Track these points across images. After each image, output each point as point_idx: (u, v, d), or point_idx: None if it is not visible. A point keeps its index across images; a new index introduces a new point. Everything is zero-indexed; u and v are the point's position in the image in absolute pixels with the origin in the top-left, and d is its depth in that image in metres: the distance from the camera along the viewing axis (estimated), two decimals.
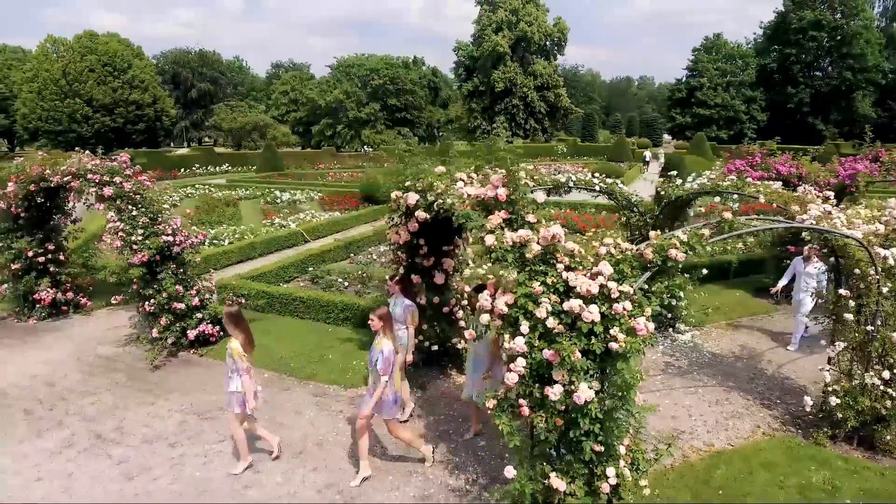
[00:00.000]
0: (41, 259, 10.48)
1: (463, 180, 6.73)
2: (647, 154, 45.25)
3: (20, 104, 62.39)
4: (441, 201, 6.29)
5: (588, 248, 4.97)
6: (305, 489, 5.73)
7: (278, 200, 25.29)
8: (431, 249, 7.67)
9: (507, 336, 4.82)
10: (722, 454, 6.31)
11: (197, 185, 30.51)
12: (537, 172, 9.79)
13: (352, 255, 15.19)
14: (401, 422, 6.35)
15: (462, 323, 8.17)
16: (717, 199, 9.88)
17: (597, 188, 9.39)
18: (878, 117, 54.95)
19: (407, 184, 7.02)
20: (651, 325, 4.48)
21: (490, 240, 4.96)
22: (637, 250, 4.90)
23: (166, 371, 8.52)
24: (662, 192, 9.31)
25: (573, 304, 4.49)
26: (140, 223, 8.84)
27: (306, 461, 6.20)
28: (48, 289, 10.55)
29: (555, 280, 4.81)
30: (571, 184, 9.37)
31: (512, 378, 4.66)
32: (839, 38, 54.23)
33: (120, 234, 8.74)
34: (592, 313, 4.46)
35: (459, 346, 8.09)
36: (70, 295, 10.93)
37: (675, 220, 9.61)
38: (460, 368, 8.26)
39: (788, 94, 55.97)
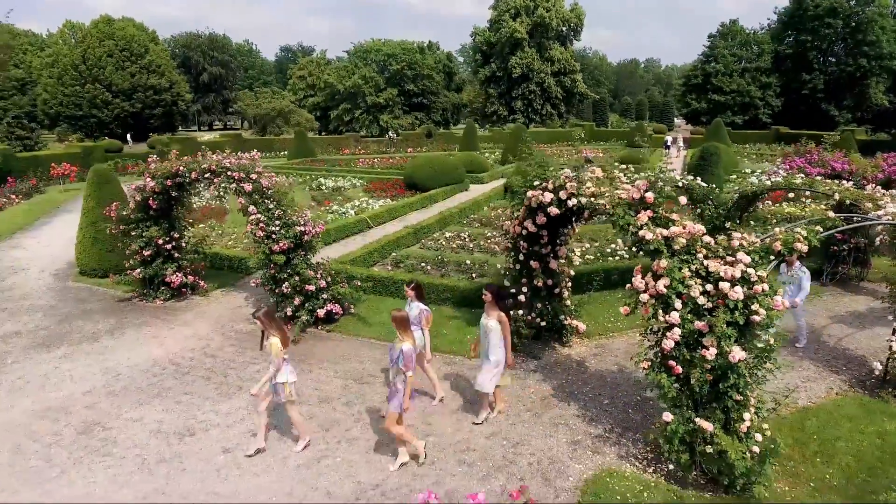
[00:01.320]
0: (168, 246, 11.70)
1: (591, 180, 7.87)
2: (668, 139, 46.28)
3: (41, 89, 63.01)
4: (576, 200, 7.47)
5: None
6: (475, 437, 7.00)
7: (323, 187, 26.36)
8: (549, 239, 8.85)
9: (660, 311, 6.05)
10: (808, 409, 7.57)
11: None
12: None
13: (421, 240, 16.36)
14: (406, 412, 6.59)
15: (568, 302, 9.42)
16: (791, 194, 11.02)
17: (680, 183, 10.50)
18: (892, 104, 55.75)
19: (536, 183, 8.18)
20: (786, 301, 5.70)
21: (649, 235, 6.16)
22: (763, 242, 6.11)
23: (306, 345, 9.76)
24: (738, 187, 10.44)
25: (724, 285, 5.70)
26: (276, 215, 10.04)
27: (468, 414, 7.47)
28: (176, 272, 11.78)
29: (697, 267, 6.03)
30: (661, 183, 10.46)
31: (668, 344, 5.90)
32: (854, 24, 54.78)
33: (261, 225, 9.93)
34: (738, 293, 5.67)
35: (566, 322, 9.34)
36: (190, 278, 12.15)
37: (745, 212, 10.76)
38: (563, 342, 9.52)
39: (803, 80, 56.68)
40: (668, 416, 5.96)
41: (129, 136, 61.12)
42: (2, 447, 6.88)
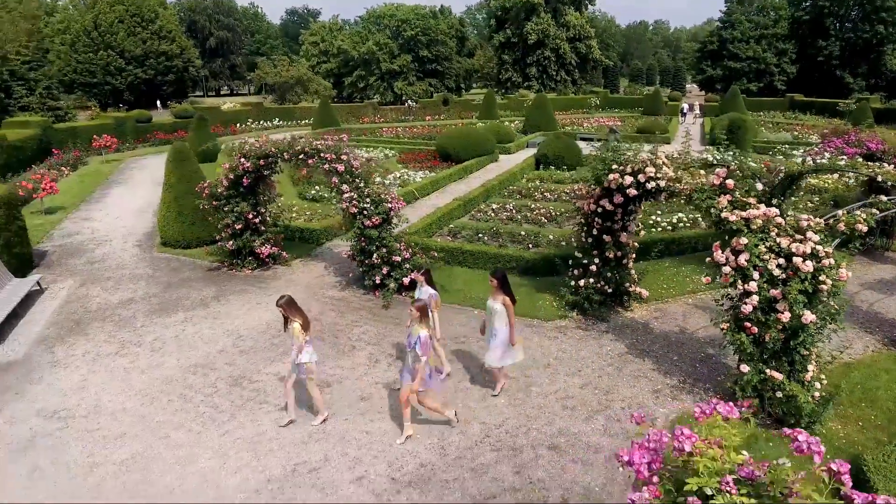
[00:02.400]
0: (256, 220, 12.80)
1: (666, 165, 8.90)
2: (685, 106, 46.82)
3: (53, 56, 62.95)
4: (654, 183, 8.53)
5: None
6: (570, 387, 8.24)
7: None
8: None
9: (739, 281, 7.19)
10: (850, 364, 8.77)
11: None
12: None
13: (469, 212, 17.41)
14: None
15: (633, 272, 10.58)
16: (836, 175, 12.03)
17: (733, 164, 11.50)
18: None
19: (614, 167, 9.22)
20: (850, 273, 6.84)
21: (732, 217, 7.25)
22: (826, 223, 7.22)
23: (396, 310, 10.96)
24: (782, 167, 11.46)
25: (797, 260, 6.82)
26: (366, 193, 11.10)
27: (559, 368, 8.71)
28: (264, 244, 12.92)
29: (771, 244, 7.15)
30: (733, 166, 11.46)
31: (747, 308, 7.06)
32: None
33: (353, 202, 11.01)
34: (808, 266, 6.80)
35: (631, 289, 10.51)
36: (274, 249, 13.28)
37: (787, 190, 11.79)
38: (625, 307, 10.70)
39: (819, 46, 56.56)
40: (745, 368, 7.17)
41: (157, 102, 61.85)
42: (172, 396, 8.14)
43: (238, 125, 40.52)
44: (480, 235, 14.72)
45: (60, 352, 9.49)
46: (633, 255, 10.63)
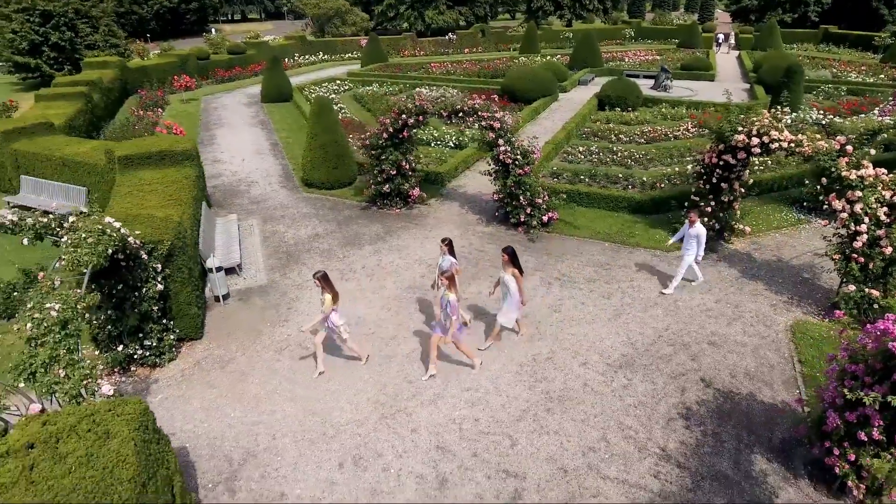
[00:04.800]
0: (406, 166, 15.09)
1: (777, 130, 11.13)
2: (720, 36, 47.56)
3: None
4: (777, 144, 10.83)
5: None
6: (707, 302, 10.91)
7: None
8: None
9: (852, 223, 9.69)
10: None
11: (332, 82, 33.67)
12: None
13: (559, 153, 19.57)
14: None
15: (738, 212, 13.04)
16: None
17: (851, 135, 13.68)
18: None
19: (740, 128, 11.45)
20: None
21: (852, 175, 9.63)
22: None
23: (541, 243, 13.50)
24: (863, 124, 13.65)
25: None
26: (516, 145, 13.37)
27: (694, 288, 11.35)
28: (413, 187, 15.29)
29: (878, 196, 9.58)
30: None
31: (858, 244, 9.60)
32: None
33: (507, 154, 13.28)
34: None
35: (736, 226, 13.01)
36: (417, 192, 15.66)
37: (865, 143, 14.04)
38: (726, 241, 13.21)
39: None
40: (851, 288, 9.81)
41: (213, 29, 62.12)
42: (409, 308, 10.83)
43: (287, 60, 41.45)
44: (582, 177, 16.98)
45: (295, 277, 12.13)
46: (741, 199, 13.04)
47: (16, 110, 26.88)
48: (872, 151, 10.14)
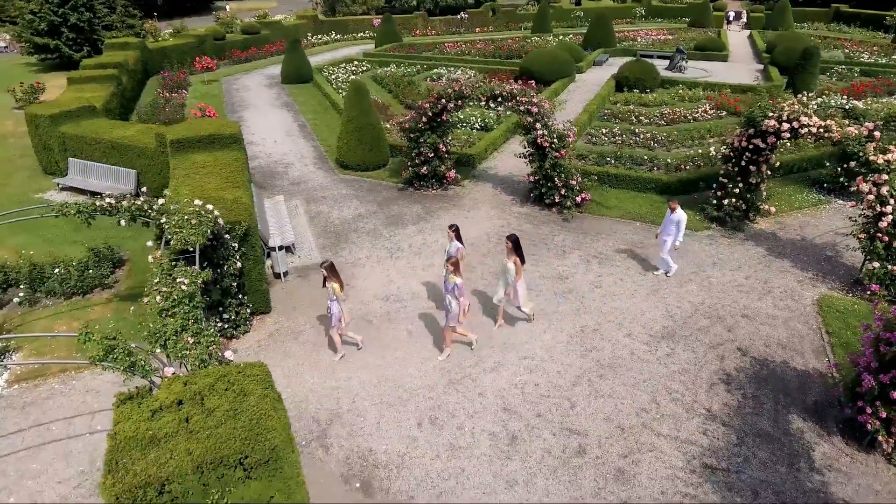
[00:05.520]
0: (443, 149, 15.71)
1: (807, 115, 11.75)
2: (731, 13, 47.62)
3: None
4: (807, 129, 11.46)
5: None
6: (737, 278, 11.66)
7: (444, 79, 29.28)
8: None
9: (878, 204, 10.38)
10: None
11: (350, 63, 33.97)
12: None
13: (582, 134, 20.13)
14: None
15: (764, 193, 13.70)
16: None
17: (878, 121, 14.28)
18: None
19: (769, 114, 12.06)
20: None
21: (880, 159, 10.29)
22: None
23: (575, 222, 14.19)
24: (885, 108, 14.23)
25: None
26: (553, 129, 13.98)
27: (724, 266, 12.08)
28: (450, 169, 15.93)
29: None
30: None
31: (884, 224, 10.31)
32: None
33: (544, 137, 13.90)
34: None
35: (762, 207, 13.69)
36: (454, 173, 16.30)
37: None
38: (751, 220, 13.89)
39: None
40: (875, 264, 10.55)
41: (226, 6, 61.94)
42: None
43: (301, 40, 41.56)
44: (608, 159, 17.59)
45: (346, 255, 12.85)
46: (767, 181, 13.71)
47: (43, 92, 27.37)
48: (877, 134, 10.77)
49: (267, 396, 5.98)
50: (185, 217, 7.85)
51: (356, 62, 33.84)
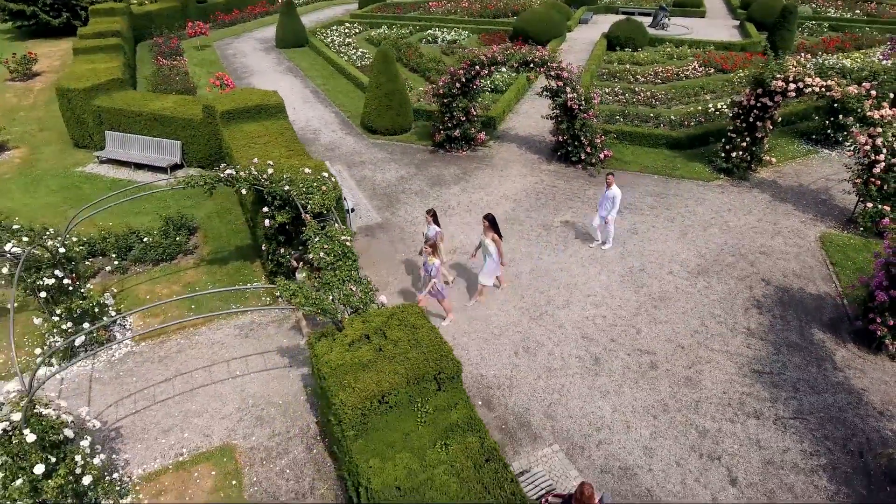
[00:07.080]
0: (473, 112, 16.90)
1: (810, 76, 13.43)
2: None
3: None
4: (811, 89, 13.17)
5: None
6: (750, 222, 13.50)
7: (439, 40, 29.91)
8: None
9: (872, 153, 12.24)
10: None
11: (341, 24, 34.00)
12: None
13: None
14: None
15: (767, 145, 15.49)
16: None
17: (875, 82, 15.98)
18: None
19: (777, 75, 13.70)
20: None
21: (876, 115, 12.09)
22: None
23: (599, 178, 15.73)
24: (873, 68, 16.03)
25: None
26: (580, 93, 15.33)
27: (738, 211, 13.89)
28: (480, 132, 17.15)
29: (894, 132, 12.13)
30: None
31: (877, 169, 12.21)
32: None
33: (574, 101, 15.24)
34: None
35: (764, 157, 15.50)
36: (483, 135, 17.53)
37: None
38: (753, 170, 15.71)
39: None
40: (869, 205, 12.49)
41: None
42: (514, 239, 13.06)
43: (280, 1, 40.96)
44: (617, 118, 19.07)
45: (404, 215, 14.10)
46: (769, 135, 15.47)
47: (36, 62, 26.91)
48: (892, 95, 12.58)
49: (433, 328, 7.44)
50: (314, 184, 9.03)
51: (347, 24, 33.92)
